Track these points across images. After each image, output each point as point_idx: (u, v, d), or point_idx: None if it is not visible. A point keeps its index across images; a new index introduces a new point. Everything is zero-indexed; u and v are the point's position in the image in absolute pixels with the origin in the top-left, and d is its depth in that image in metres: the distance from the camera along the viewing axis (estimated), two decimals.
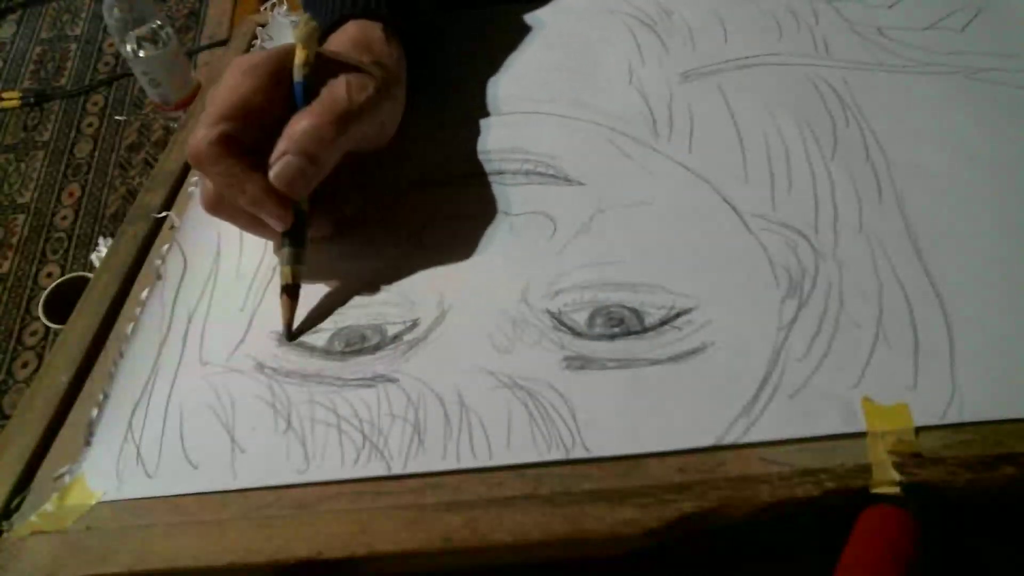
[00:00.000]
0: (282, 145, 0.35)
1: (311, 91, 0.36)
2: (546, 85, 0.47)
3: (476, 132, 0.45)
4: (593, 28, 0.51)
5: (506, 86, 0.48)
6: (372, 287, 0.38)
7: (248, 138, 0.35)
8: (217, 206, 0.37)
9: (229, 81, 0.36)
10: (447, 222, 0.40)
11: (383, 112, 0.39)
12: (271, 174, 0.35)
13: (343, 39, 0.41)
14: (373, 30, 0.42)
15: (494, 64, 0.50)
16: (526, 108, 0.46)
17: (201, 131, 0.35)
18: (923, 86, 0.42)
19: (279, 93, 0.36)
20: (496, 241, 0.39)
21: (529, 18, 0.53)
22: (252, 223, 0.37)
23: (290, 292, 0.36)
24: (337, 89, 0.37)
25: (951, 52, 0.44)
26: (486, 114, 0.46)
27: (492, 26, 0.53)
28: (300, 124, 0.35)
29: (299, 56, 0.36)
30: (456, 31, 0.53)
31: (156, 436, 0.34)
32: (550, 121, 0.44)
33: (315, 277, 0.39)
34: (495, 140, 0.44)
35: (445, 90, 0.48)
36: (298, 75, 0.36)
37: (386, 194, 0.42)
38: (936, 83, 0.43)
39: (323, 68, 0.37)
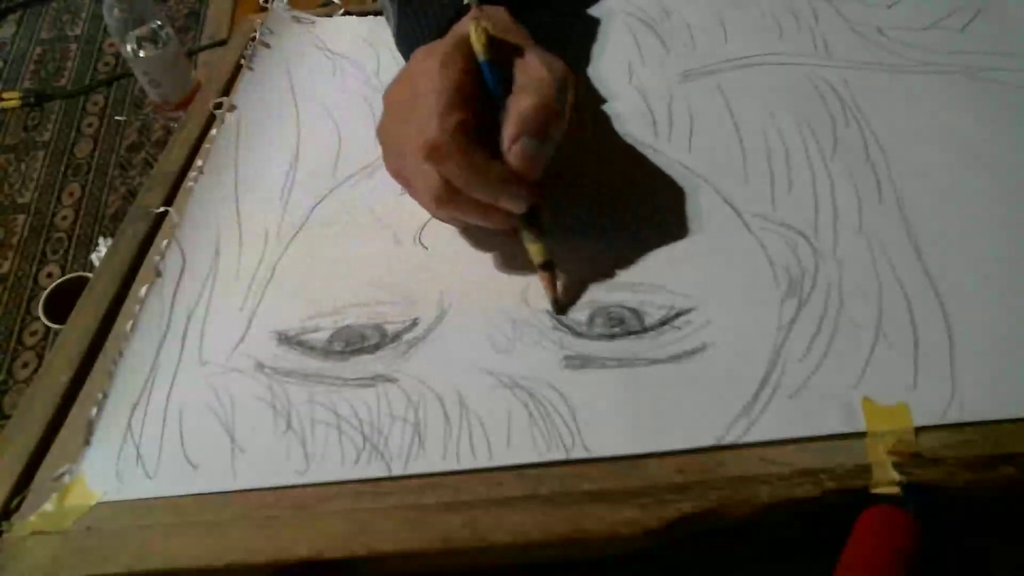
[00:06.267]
0: (512, 129, 0.34)
1: (496, 72, 0.35)
2: None
3: None
4: (593, 28, 0.51)
5: None
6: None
7: (474, 126, 0.34)
8: (449, 201, 0.35)
9: (433, 74, 0.34)
10: None
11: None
12: (514, 156, 0.34)
13: None
14: (499, 12, 0.40)
15: None
16: None
17: (434, 124, 0.33)
18: (923, 86, 0.42)
19: (477, 79, 0.35)
20: (496, 241, 0.39)
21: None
22: (485, 213, 0.36)
23: (548, 267, 0.36)
24: (532, 66, 0.36)
25: (951, 52, 0.44)
26: None
27: None
28: (524, 105, 0.34)
29: (479, 37, 0.35)
30: None
31: (156, 436, 0.34)
32: None
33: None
34: None
35: None
36: (483, 55, 0.35)
37: (386, 195, 0.42)
38: (936, 83, 0.42)
39: (498, 49, 0.36)
